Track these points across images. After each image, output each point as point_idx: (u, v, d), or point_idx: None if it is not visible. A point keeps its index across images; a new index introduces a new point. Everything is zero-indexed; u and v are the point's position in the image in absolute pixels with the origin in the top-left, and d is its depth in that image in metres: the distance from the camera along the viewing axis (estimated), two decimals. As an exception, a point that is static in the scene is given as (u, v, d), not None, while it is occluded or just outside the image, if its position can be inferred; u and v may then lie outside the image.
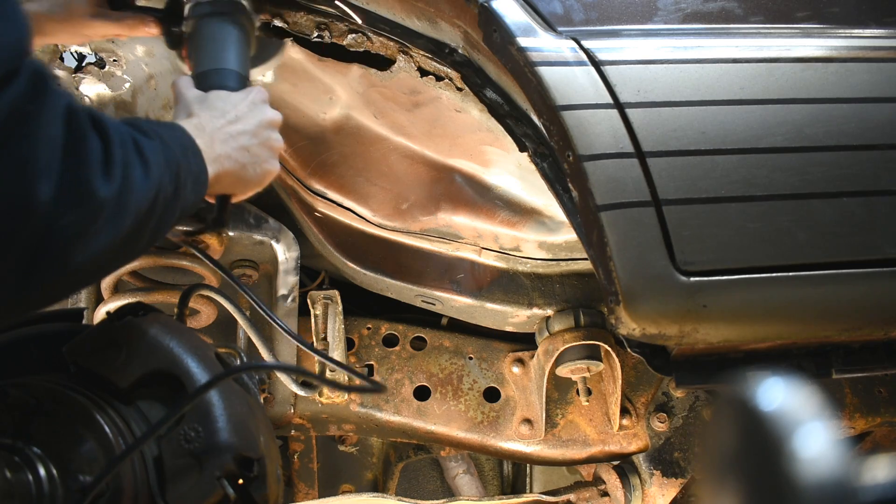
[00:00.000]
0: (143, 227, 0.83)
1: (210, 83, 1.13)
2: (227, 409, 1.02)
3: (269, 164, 1.09)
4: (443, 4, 1.26)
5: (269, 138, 1.09)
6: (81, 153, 0.73)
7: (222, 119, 1.04)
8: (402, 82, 1.40)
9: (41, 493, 0.89)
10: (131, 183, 0.79)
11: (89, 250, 0.75)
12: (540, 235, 1.64)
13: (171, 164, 0.87)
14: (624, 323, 1.12)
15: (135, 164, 0.80)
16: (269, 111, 1.11)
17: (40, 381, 0.99)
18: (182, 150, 0.92)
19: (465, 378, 1.72)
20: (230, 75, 1.15)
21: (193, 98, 1.07)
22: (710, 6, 1.27)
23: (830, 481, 0.52)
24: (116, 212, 0.77)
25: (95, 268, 0.80)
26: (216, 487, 0.97)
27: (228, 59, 1.17)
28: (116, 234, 0.78)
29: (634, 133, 1.13)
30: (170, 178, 0.86)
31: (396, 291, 1.72)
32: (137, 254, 0.90)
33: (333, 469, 1.83)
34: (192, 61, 1.19)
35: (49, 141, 0.69)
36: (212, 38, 1.19)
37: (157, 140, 0.86)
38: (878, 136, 1.18)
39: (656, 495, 1.64)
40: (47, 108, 0.69)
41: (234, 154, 1.03)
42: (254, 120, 1.07)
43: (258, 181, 1.08)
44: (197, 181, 0.94)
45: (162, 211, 0.85)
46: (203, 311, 1.55)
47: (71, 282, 0.79)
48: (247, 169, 1.05)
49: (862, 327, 1.18)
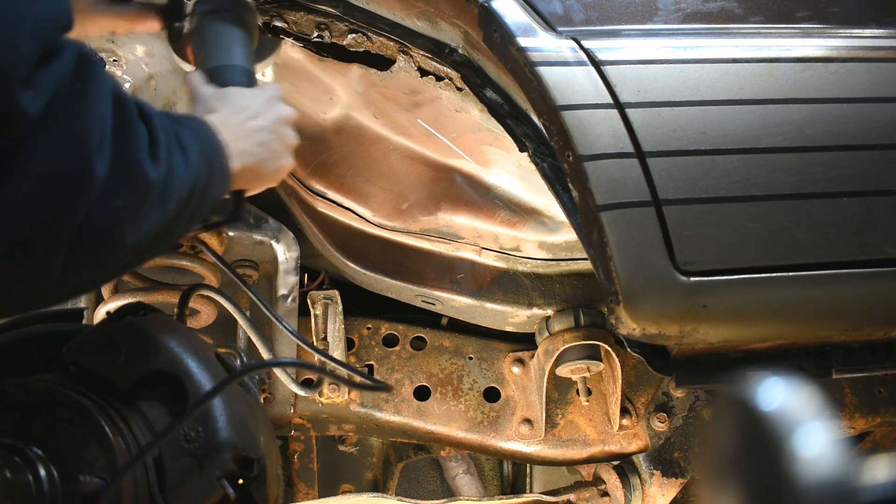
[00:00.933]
0: (181, 214, 0.85)
1: (223, 79, 1.13)
2: (227, 409, 1.02)
3: (285, 159, 1.11)
4: (443, 4, 1.26)
5: (284, 134, 1.11)
6: (131, 136, 0.75)
7: (242, 115, 1.06)
8: (402, 82, 1.40)
9: (41, 493, 0.89)
10: (175, 168, 0.81)
11: (139, 232, 0.77)
12: (540, 235, 1.64)
13: (205, 154, 0.90)
14: (624, 323, 1.12)
15: (176, 151, 0.82)
16: (284, 107, 1.13)
17: (40, 381, 0.99)
18: (210, 142, 0.95)
19: (465, 378, 1.72)
20: (241, 71, 1.16)
21: (211, 94, 1.09)
22: (710, 6, 1.27)
23: (830, 481, 0.52)
24: (163, 195, 0.79)
25: (140, 252, 0.82)
26: (216, 487, 0.97)
27: (237, 55, 1.18)
28: (162, 217, 0.80)
29: (634, 133, 1.13)
30: (205, 168, 0.89)
31: (396, 291, 1.72)
32: (173, 242, 0.93)
33: (333, 469, 1.83)
34: (200, 57, 1.19)
35: (99, 119, 0.70)
36: (220, 34, 1.19)
37: (191, 130, 0.89)
38: (878, 136, 1.18)
39: (656, 495, 1.64)
40: (95, 88, 0.71)
41: (254, 149, 1.05)
42: (271, 116, 1.09)
43: (274, 176, 1.10)
44: (222, 174, 0.97)
45: (198, 199, 0.88)
46: (203, 311, 1.55)
47: (117, 264, 0.80)
48: (265, 164, 1.07)
49: (862, 327, 1.18)
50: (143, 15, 1.25)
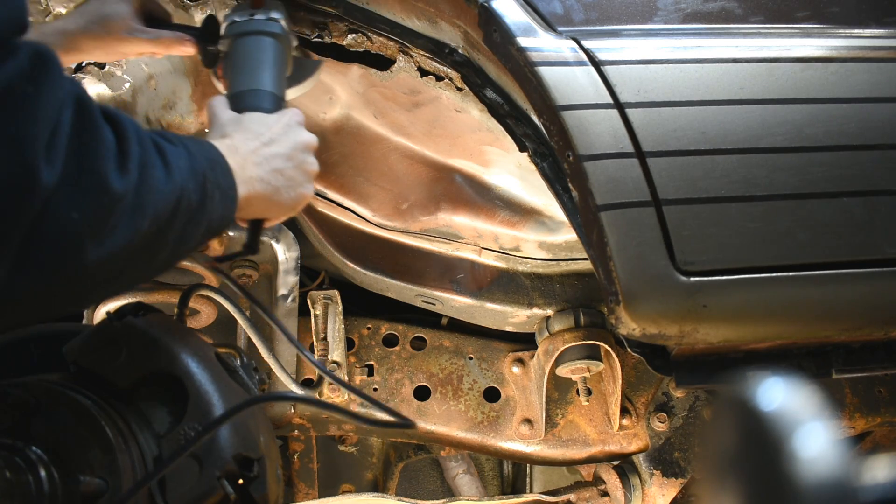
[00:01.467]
0: (164, 236, 0.79)
1: (245, 104, 1.10)
2: (227, 409, 1.02)
3: (304, 188, 1.06)
4: (443, 4, 1.26)
5: (304, 161, 1.06)
6: (91, 143, 0.70)
7: (256, 141, 1.01)
8: (402, 82, 1.40)
9: (41, 493, 0.89)
10: (150, 182, 0.75)
11: (104, 248, 0.71)
12: (540, 235, 1.64)
13: (196, 172, 0.84)
14: (624, 323, 1.12)
15: (155, 165, 0.77)
16: (305, 134, 1.08)
17: (40, 381, 0.99)
18: (209, 162, 0.89)
19: (465, 378, 1.72)
20: (265, 96, 1.13)
21: (228, 119, 1.05)
22: (710, 6, 1.27)
23: (830, 481, 0.52)
24: (133, 210, 0.73)
25: (111, 272, 0.75)
26: (216, 487, 0.97)
27: (264, 79, 1.15)
28: (133, 234, 0.74)
29: (634, 133, 1.13)
30: (195, 187, 0.83)
31: (396, 291, 1.72)
32: (158, 267, 0.85)
33: (333, 469, 1.83)
34: (228, 81, 1.17)
35: (50, 123, 0.65)
36: (248, 58, 1.17)
37: (181, 147, 0.84)
38: (878, 136, 1.18)
39: (656, 495, 1.64)
40: (49, 91, 0.66)
41: (267, 177, 1.00)
42: (289, 142, 1.04)
43: (292, 205, 1.05)
44: (225, 196, 0.91)
45: (186, 220, 0.82)
46: (203, 311, 1.55)
47: (83, 284, 0.73)
48: (280, 192, 1.02)
49: (862, 327, 1.18)
50: (179, 40, 1.24)
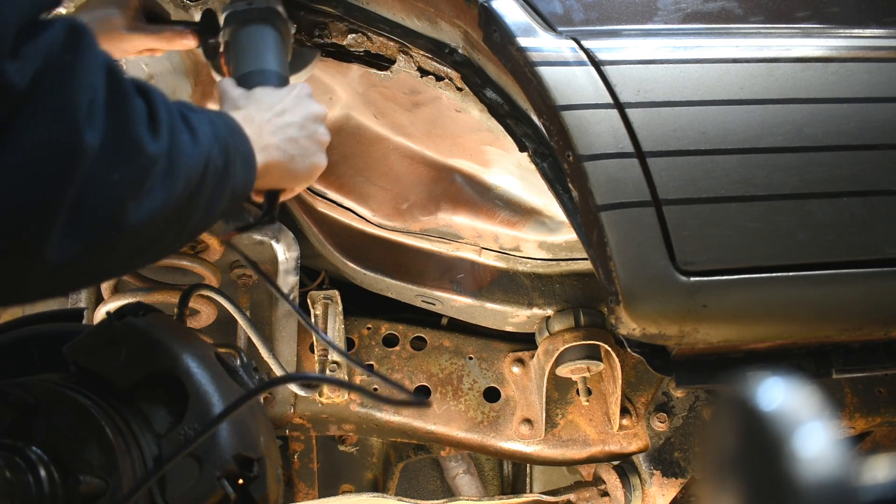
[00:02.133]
0: (195, 199, 0.81)
1: (253, 82, 1.13)
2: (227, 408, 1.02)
3: (317, 157, 1.08)
4: (443, 4, 1.26)
5: (316, 131, 1.08)
6: (125, 109, 0.72)
7: (269, 112, 1.03)
8: (402, 82, 1.40)
9: (41, 493, 0.89)
10: (180, 145, 0.78)
11: (143, 210, 0.73)
12: (540, 235, 1.64)
13: (218, 138, 0.86)
14: (624, 323, 1.12)
15: (182, 130, 0.79)
16: (315, 105, 1.10)
17: (40, 381, 0.99)
18: (228, 129, 0.91)
19: (465, 378, 1.72)
20: (272, 75, 1.16)
21: (238, 94, 1.07)
22: (710, 6, 1.27)
23: (830, 481, 0.52)
24: (168, 171, 0.76)
25: (151, 236, 0.77)
26: (216, 487, 0.97)
27: (269, 60, 1.18)
28: (168, 197, 0.76)
29: (634, 133, 1.13)
30: (219, 151, 0.85)
31: (396, 291, 1.72)
32: (190, 233, 0.86)
33: (333, 469, 1.83)
34: (233, 66, 1.19)
35: (90, 90, 0.68)
36: (251, 43, 1.20)
37: (203, 115, 0.86)
38: (878, 136, 1.18)
39: (656, 495, 1.64)
40: (85, 59, 0.68)
41: (283, 145, 1.02)
42: (301, 112, 1.07)
43: (307, 174, 1.07)
44: (246, 163, 0.93)
45: (213, 185, 0.84)
46: (203, 311, 1.55)
47: (124, 248, 0.75)
48: (295, 161, 1.04)
49: (862, 327, 1.18)
50: (180, 34, 1.26)
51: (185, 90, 1.55)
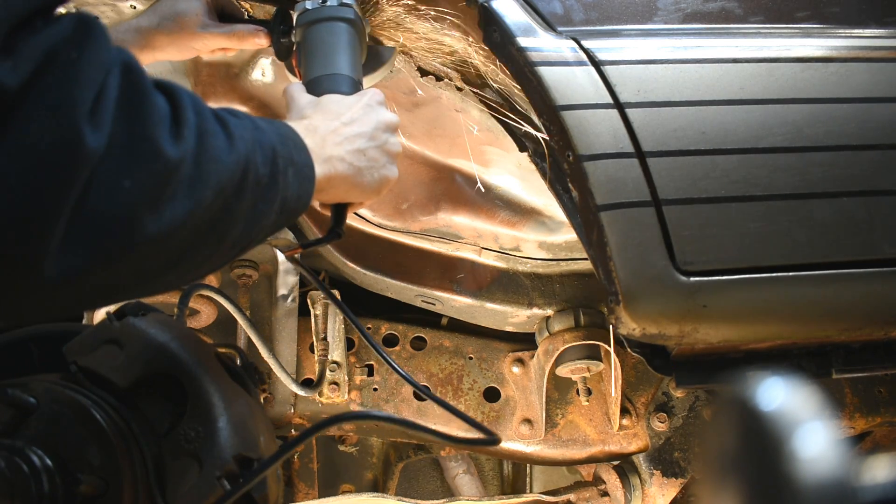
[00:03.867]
0: (232, 212, 0.74)
1: (323, 88, 1.08)
2: (227, 409, 1.02)
3: (388, 169, 1.02)
4: (443, 4, 1.26)
5: (386, 142, 1.03)
6: (141, 108, 0.66)
7: (336, 121, 0.98)
8: (402, 82, 1.40)
9: (41, 493, 0.89)
10: (210, 150, 0.71)
11: (163, 221, 0.66)
12: (540, 235, 1.64)
13: (263, 145, 0.79)
14: (624, 323, 1.12)
15: (215, 133, 0.73)
16: (387, 113, 1.05)
17: (40, 381, 0.99)
18: (280, 137, 0.85)
19: (465, 378, 1.72)
20: (343, 80, 1.11)
21: (306, 103, 1.02)
22: (710, 6, 1.27)
23: (830, 481, 0.52)
24: (193, 179, 0.68)
25: (176, 250, 0.70)
26: (216, 487, 0.97)
27: (340, 63, 1.13)
28: (195, 206, 0.69)
29: (634, 133, 1.13)
30: (263, 160, 0.78)
31: (396, 291, 1.72)
32: (230, 248, 0.78)
33: (333, 469, 1.83)
34: (303, 69, 1.15)
35: (94, 86, 0.62)
36: (322, 44, 1.15)
37: (247, 121, 0.80)
38: (878, 136, 1.18)
39: (656, 495, 1.64)
40: (93, 55, 0.63)
41: (349, 157, 0.97)
42: (370, 122, 1.01)
43: (376, 188, 1.01)
44: (301, 174, 0.87)
45: (256, 195, 0.77)
46: (203, 311, 1.55)
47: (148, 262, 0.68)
48: (363, 174, 0.99)
49: (862, 327, 1.18)
50: (252, 33, 1.24)
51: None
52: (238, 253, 0.82)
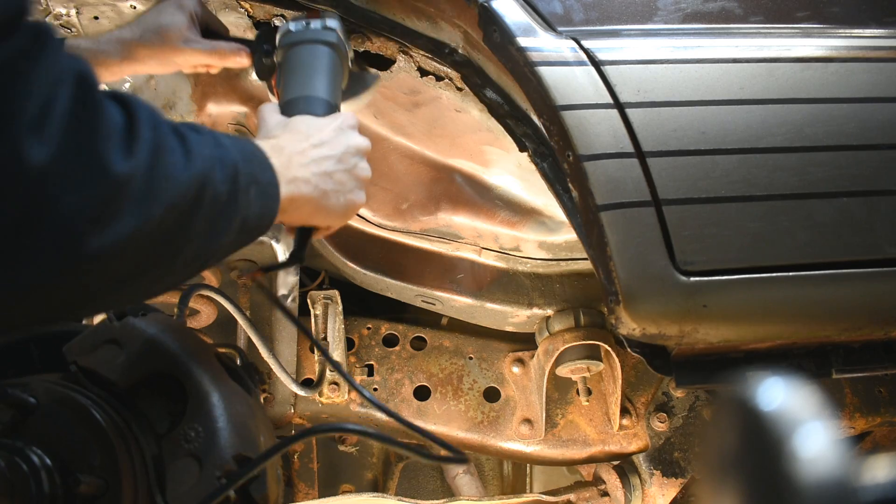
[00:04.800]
0: (185, 229, 0.73)
1: (296, 110, 1.07)
2: (227, 409, 1.02)
3: (355, 194, 1.01)
4: (443, 4, 1.26)
5: (355, 166, 1.01)
6: (91, 122, 0.64)
7: (305, 142, 0.97)
8: (402, 82, 1.40)
9: (41, 493, 0.89)
10: (165, 167, 0.69)
11: (107, 237, 0.64)
12: (540, 235, 1.64)
13: (224, 162, 0.78)
14: (624, 323, 1.12)
15: (172, 150, 0.71)
16: (358, 137, 1.04)
17: (40, 381, 0.99)
18: (243, 155, 0.83)
19: (465, 378, 1.72)
20: (318, 102, 1.09)
21: (275, 123, 1.01)
22: (710, 6, 1.27)
23: (830, 481, 0.52)
24: (143, 196, 0.67)
25: (123, 268, 0.69)
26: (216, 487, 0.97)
27: (317, 86, 1.11)
28: (143, 223, 0.67)
29: (634, 133, 1.13)
30: (222, 177, 0.77)
31: (396, 291, 1.72)
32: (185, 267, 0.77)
33: (333, 469, 1.83)
34: (281, 89, 1.14)
35: (40, 98, 0.60)
36: (301, 66, 1.14)
37: (208, 137, 0.78)
38: (878, 136, 1.18)
39: (656, 495, 1.64)
40: (43, 67, 0.61)
41: (315, 179, 0.95)
42: (340, 145, 1.00)
43: (342, 212, 1.00)
44: (264, 192, 0.85)
45: (213, 211, 0.75)
46: (203, 311, 1.55)
47: (92, 280, 0.67)
48: (328, 197, 0.97)
49: (862, 327, 1.18)
50: (234, 51, 1.24)
51: (185, 90, 1.55)
52: (196, 271, 0.81)
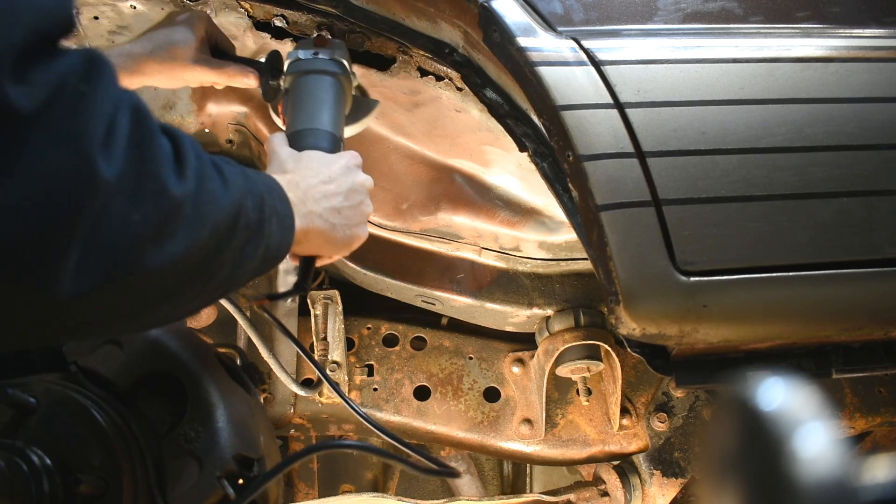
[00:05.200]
0: (222, 253, 0.77)
1: (304, 143, 1.12)
2: (227, 409, 1.02)
3: (359, 228, 1.09)
4: (443, 4, 1.26)
5: (360, 202, 1.09)
6: (150, 146, 0.68)
7: (316, 178, 1.03)
8: (402, 82, 1.40)
9: (41, 493, 0.89)
10: (208, 192, 0.74)
11: (164, 254, 0.69)
12: (540, 235, 1.64)
13: (254, 192, 0.83)
14: (624, 323, 1.12)
15: (212, 177, 0.76)
16: (362, 175, 1.11)
17: (40, 381, 0.99)
18: (267, 188, 0.89)
19: (465, 378, 1.72)
20: (324, 136, 1.15)
21: (287, 156, 1.07)
22: (710, 6, 1.27)
23: (830, 481, 0.52)
24: (192, 218, 0.72)
25: (171, 285, 0.73)
26: (216, 487, 0.97)
27: (324, 119, 1.17)
28: (192, 244, 0.72)
29: (634, 133, 1.13)
30: (253, 205, 0.82)
31: (396, 291, 1.72)
32: (216, 289, 0.81)
33: (333, 469, 1.83)
34: (288, 118, 1.19)
35: (105, 119, 0.64)
36: (309, 97, 1.19)
37: (238, 169, 0.83)
38: (878, 136, 1.18)
39: (656, 495, 1.64)
40: (104, 90, 0.64)
41: (325, 214, 1.02)
42: (347, 183, 1.07)
43: (346, 244, 1.07)
44: (283, 223, 0.91)
45: (244, 239, 0.80)
46: (203, 311, 1.55)
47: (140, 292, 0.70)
48: (336, 230, 1.04)
49: (862, 327, 1.18)
50: (242, 72, 1.27)
51: (185, 90, 1.55)
52: (221, 295, 0.86)
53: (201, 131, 1.62)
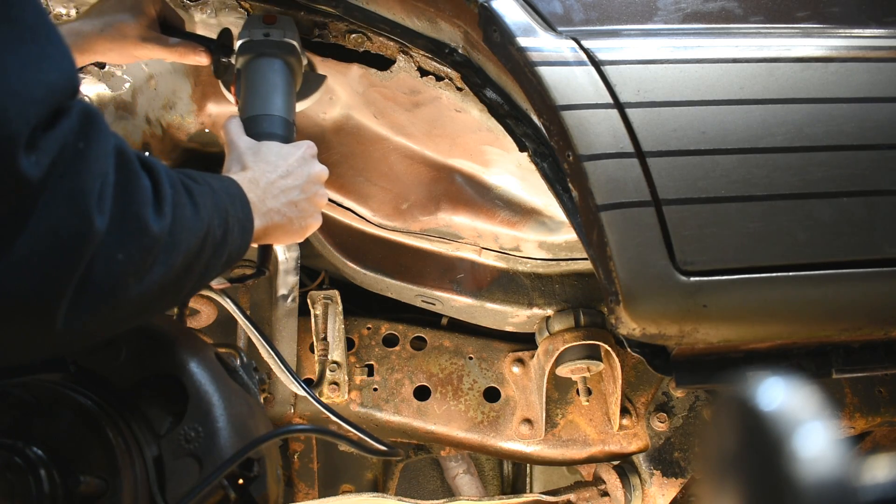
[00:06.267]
0: (191, 268, 0.84)
1: (260, 129, 1.16)
2: (227, 409, 1.02)
3: (313, 218, 1.13)
4: (443, 4, 1.26)
5: (315, 193, 1.13)
6: (133, 190, 0.75)
7: (275, 173, 1.07)
8: (402, 82, 1.40)
9: (41, 493, 0.89)
10: (182, 221, 0.80)
11: (143, 284, 0.76)
12: (540, 235, 1.64)
13: (219, 209, 0.90)
14: (624, 323, 1.12)
15: (185, 205, 0.82)
16: (318, 166, 1.14)
17: (40, 381, 0.99)
18: (230, 198, 0.95)
19: (465, 378, 1.72)
20: (279, 122, 1.18)
21: (246, 148, 1.10)
22: (710, 6, 1.27)
23: (830, 481, 0.52)
24: (169, 248, 0.78)
25: (147, 303, 0.80)
26: (216, 487, 0.97)
27: (277, 104, 1.19)
28: (168, 270, 0.79)
29: (634, 133, 1.13)
30: (219, 222, 0.88)
31: (396, 291, 1.72)
32: (182, 296, 0.89)
33: (333, 469, 1.83)
34: (242, 102, 1.21)
35: (99, 177, 0.71)
36: (262, 81, 1.21)
37: (205, 186, 0.89)
38: (878, 136, 1.18)
39: (656, 495, 1.64)
40: (97, 146, 0.71)
41: (283, 209, 1.07)
42: (303, 175, 1.11)
43: (300, 234, 1.12)
44: (243, 229, 0.97)
45: (210, 254, 0.87)
46: (203, 311, 1.55)
47: (123, 315, 0.79)
48: (293, 223, 1.09)
49: (862, 327, 1.18)
50: (193, 49, 1.28)
51: (185, 90, 1.55)
52: (187, 299, 0.94)
53: (201, 131, 1.62)
